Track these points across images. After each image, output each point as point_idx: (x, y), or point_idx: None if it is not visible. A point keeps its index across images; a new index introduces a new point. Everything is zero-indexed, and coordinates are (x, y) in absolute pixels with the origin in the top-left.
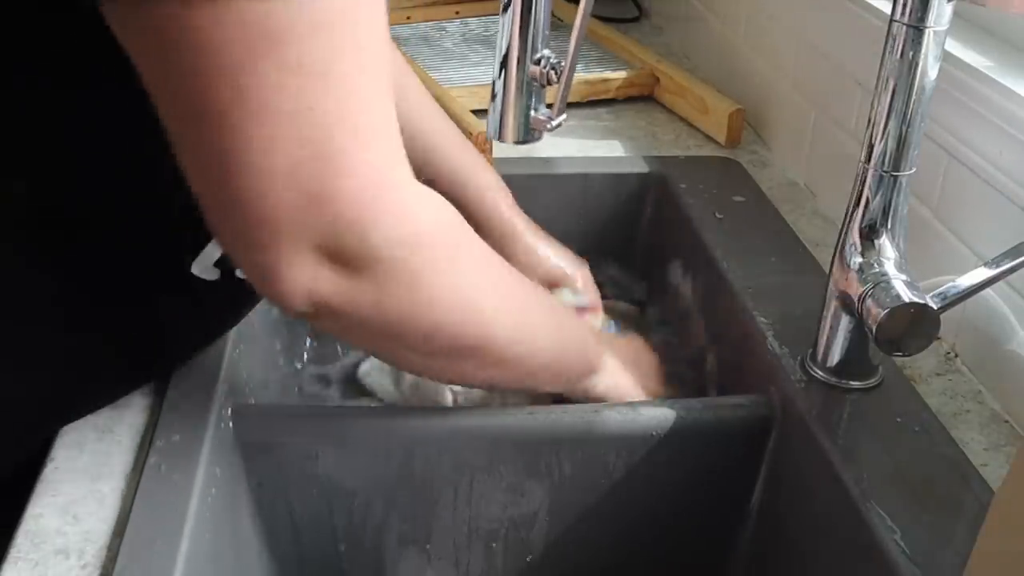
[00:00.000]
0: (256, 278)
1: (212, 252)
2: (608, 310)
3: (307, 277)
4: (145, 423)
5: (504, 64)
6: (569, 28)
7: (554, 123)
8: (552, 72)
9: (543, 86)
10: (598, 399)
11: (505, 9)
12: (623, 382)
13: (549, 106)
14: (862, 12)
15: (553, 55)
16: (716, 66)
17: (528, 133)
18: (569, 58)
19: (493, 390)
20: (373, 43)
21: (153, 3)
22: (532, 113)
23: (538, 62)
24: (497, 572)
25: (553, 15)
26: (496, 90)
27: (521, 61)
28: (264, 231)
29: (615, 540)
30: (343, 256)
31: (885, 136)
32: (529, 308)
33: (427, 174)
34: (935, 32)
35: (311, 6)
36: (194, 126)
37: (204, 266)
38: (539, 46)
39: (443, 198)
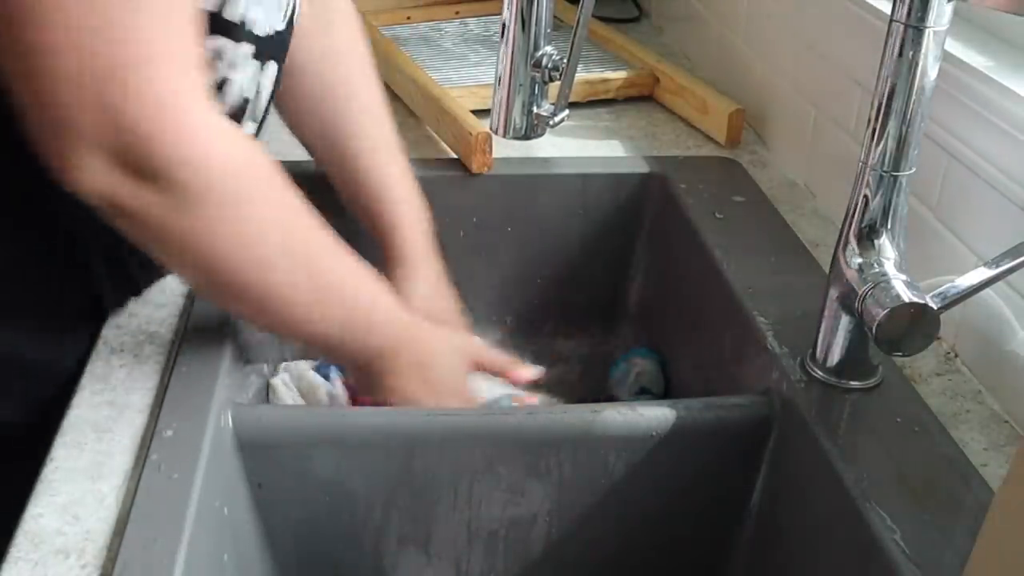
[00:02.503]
0: (57, 169)
1: None
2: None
3: (98, 173)
4: (145, 423)
5: (506, 61)
6: (570, 28)
7: (556, 119)
8: (554, 69)
9: (545, 83)
10: (371, 355)
11: (508, 6)
12: (405, 386)
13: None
14: (862, 12)
15: (555, 52)
16: (716, 66)
17: (530, 129)
18: (571, 54)
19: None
20: None
21: None
22: (534, 109)
23: (540, 59)
24: (497, 572)
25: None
26: (498, 86)
27: (523, 58)
28: (60, 129)
29: (615, 540)
30: (133, 162)
31: (885, 136)
32: (321, 258)
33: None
34: (935, 32)
35: None
36: (4, 28)
37: None
38: (541, 43)
39: (248, 139)
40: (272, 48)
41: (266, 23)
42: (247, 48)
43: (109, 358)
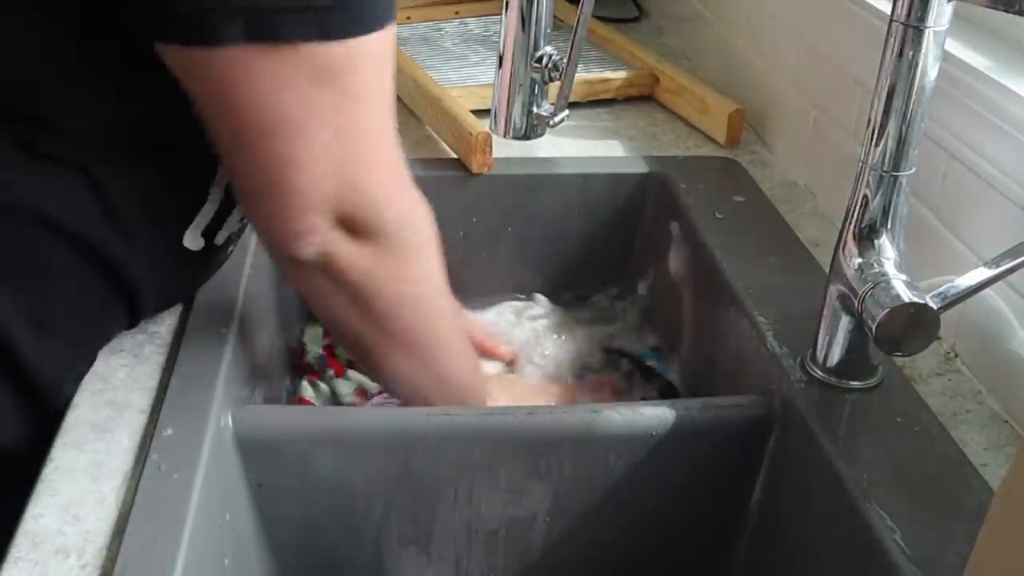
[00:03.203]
0: (276, 235)
1: (202, 222)
2: None
3: (323, 235)
4: (145, 423)
5: (506, 61)
6: (570, 28)
7: (556, 119)
8: (554, 69)
9: (545, 83)
10: None
11: (507, 6)
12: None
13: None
14: (862, 12)
15: (555, 52)
16: (716, 66)
17: (530, 129)
18: (570, 54)
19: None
20: (394, 66)
21: (220, 54)
22: (534, 109)
23: (540, 59)
24: (497, 572)
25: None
26: (498, 86)
27: (523, 58)
28: (303, 210)
29: (615, 540)
30: (357, 225)
31: (885, 136)
32: (460, 328)
33: None
34: (935, 32)
35: (360, 47)
36: (255, 140)
37: (194, 237)
38: (541, 43)
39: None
40: None
41: None
42: None
43: (109, 358)
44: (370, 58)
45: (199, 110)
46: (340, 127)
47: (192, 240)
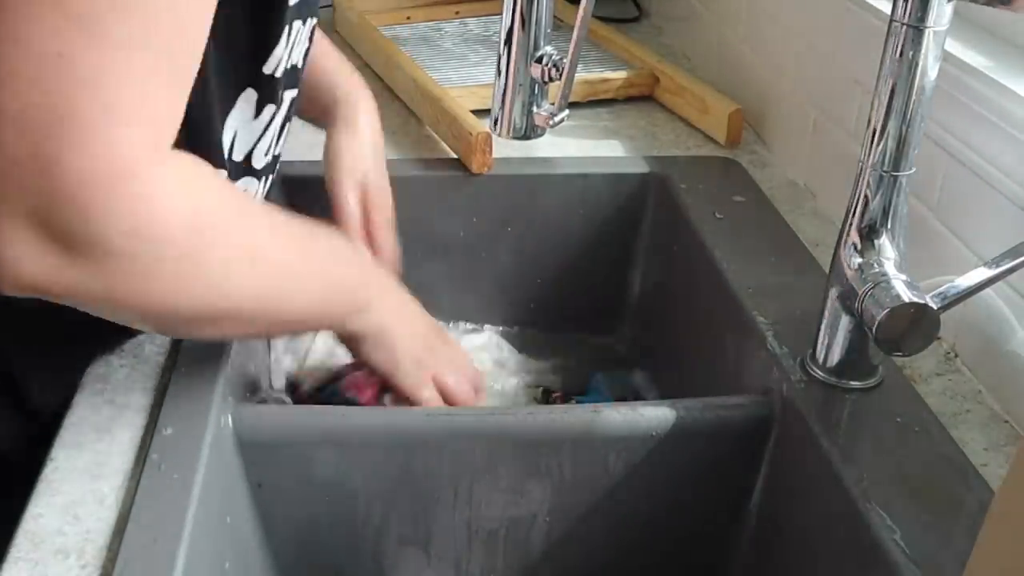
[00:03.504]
0: None
1: None
2: None
3: (18, 253)
4: (145, 423)
5: (506, 61)
6: (570, 28)
7: (556, 119)
8: (554, 69)
9: (545, 83)
10: (358, 334)
11: (507, 6)
12: (388, 314)
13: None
14: (862, 12)
15: (555, 52)
16: (716, 66)
17: (531, 129)
18: (571, 54)
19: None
20: (171, 23)
21: None
22: (534, 109)
23: (540, 59)
24: (497, 572)
25: (554, 16)
26: (498, 86)
27: (523, 58)
28: None
29: (615, 540)
30: (63, 236)
31: (885, 136)
32: (289, 269)
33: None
34: (935, 32)
35: None
36: None
37: None
38: (541, 43)
39: (205, 173)
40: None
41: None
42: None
43: (109, 358)
44: None
45: None
46: (51, 52)
47: None
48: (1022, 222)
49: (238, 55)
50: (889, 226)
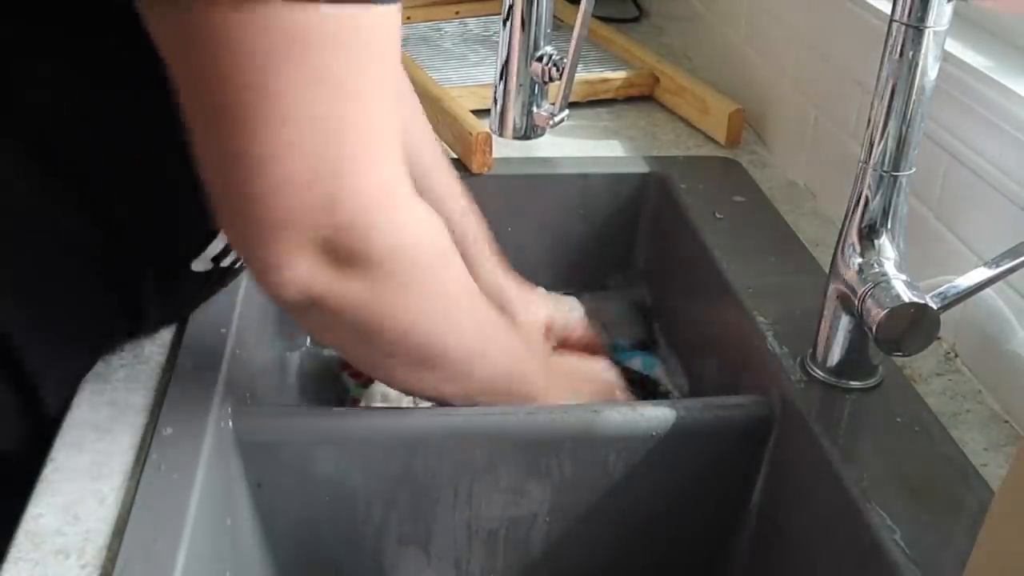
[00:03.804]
0: (256, 268)
1: (212, 250)
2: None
3: (305, 272)
4: (145, 423)
5: (506, 61)
6: (569, 29)
7: (556, 119)
8: (554, 69)
9: (545, 83)
10: None
11: (507, 7)
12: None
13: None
14: (862, 12)
15: (555, 52)
16: (716, 66)
17: (531, 129)
18: (571, 54)
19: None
20: (389, 59)
21: (184, 5)
22: (534, 109)
23: (540, 59)
24: (497, 572)
25: (554, 16)
26: (498, 87)
27: (523, 58)
28: (273, 230)
29: (615, 540)
30: (344, 256)
31: (885, 136)
32: (489, 329)
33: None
34: (935, 32)
35: (337, 18)
36: (214, 125)
37: (203, 262)
38: (541, 43)
39: (436, 215)
40: None
41: None
42: None
43: (109, 358)
44: (368, 32)
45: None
46: (318, 117)
47: (201, 264)
48: (1022, 222)
49: None
50: (889, 226)
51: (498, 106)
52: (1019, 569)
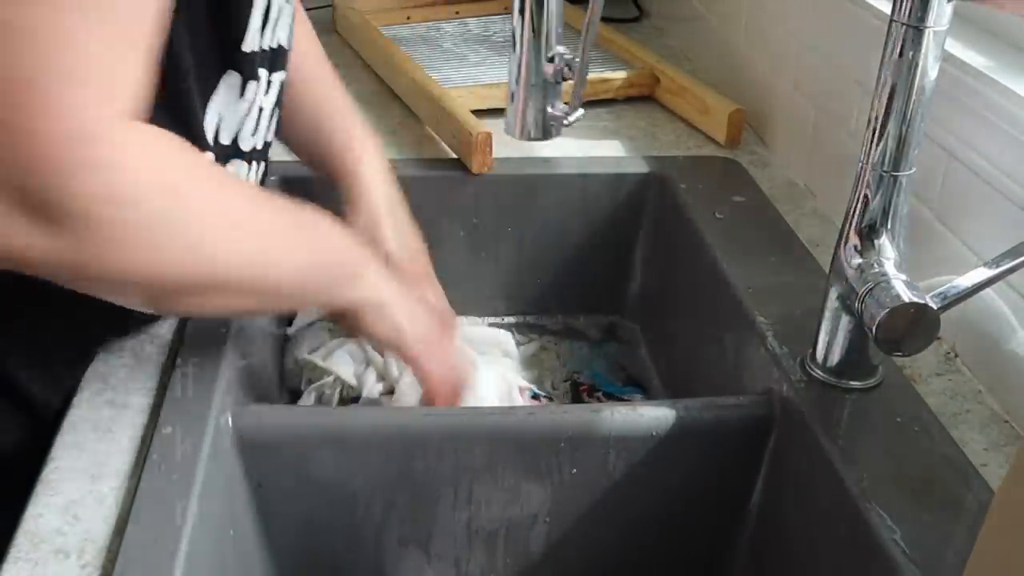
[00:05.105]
0: None
1: None
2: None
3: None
4: (145, 423)
5: (519, 62)
6: (576, 31)
7: (571, 118)
8: (566, 68)
9: (558, 83)
10: (358, 305)
11: (519, 8)
12: (386, 286)
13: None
14: (862, 12)
15: (567, 51)
16: (716, 66)
17: (547, 129)
18: (582, 51)
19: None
20: None
21: None
22: (549, 110)
23: (552, 59)
24: (497, 572)
25: None
26: (513, 89)
27: (536, 59)
28: None
29: (615, 540)
30: (36, 203)
31: (885, 136)
32: (271, 236)
33: (318, 143)
34: (935, 32)
35: None
36: None
37: None
38: (553, 43)
39: (175, 140)
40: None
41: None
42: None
43: (109, 358)
44: None
45: None
46: (10, 22)
47: None
48: (1022, 222)
49: (214, 37)
50: (889, 226)
51: (514, 108)
52: (1019, 569)
